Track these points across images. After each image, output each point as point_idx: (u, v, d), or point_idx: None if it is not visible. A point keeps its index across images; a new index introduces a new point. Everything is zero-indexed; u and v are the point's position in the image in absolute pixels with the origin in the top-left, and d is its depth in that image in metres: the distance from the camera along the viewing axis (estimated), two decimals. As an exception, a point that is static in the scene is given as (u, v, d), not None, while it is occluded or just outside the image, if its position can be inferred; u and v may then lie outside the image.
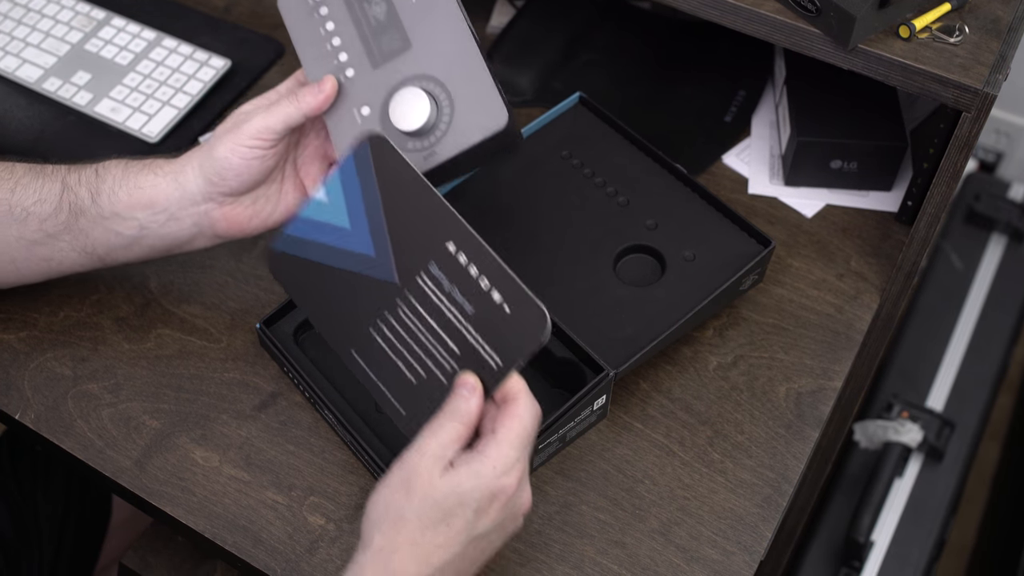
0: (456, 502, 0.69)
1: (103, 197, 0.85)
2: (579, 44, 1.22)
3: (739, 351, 0.97)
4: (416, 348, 0.77)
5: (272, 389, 0.94)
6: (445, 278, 0.76)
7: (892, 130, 1.07)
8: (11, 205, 0.86)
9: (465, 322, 0.75)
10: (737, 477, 0.90)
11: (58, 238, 0.86)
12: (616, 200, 0.99)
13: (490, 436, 0.71)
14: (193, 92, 1.13)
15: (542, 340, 0.72)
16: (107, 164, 0.87)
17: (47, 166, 0.88)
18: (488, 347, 0.74)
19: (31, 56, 1.15)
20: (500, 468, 0.70)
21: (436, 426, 0.71)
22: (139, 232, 0.86)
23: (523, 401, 0.72)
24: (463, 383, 0.73)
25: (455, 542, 0.70)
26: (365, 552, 0.70)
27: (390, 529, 0.69)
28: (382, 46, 0.85)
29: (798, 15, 0.91)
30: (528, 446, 0.72)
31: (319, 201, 0.81)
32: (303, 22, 0.87)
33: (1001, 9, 0.92)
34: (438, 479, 0.69)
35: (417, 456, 0.70)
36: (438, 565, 0.69)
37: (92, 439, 0.90)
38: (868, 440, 1.39)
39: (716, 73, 1.20)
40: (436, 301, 0.76)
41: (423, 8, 0.84)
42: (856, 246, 1.05)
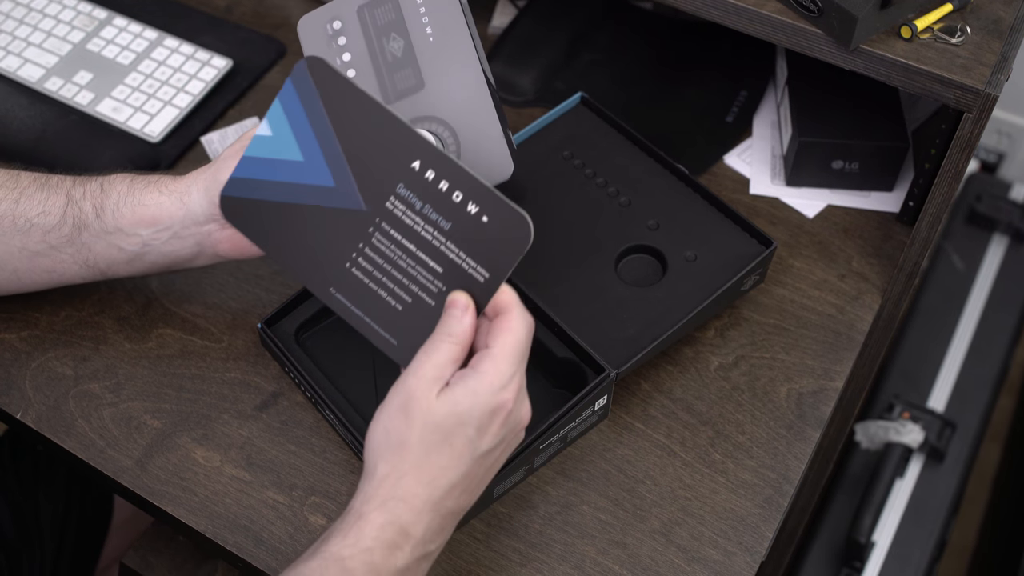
0: (456, 422, 0.69)
1: (107, 212, 0.85)
2: (581, 44, 1.22)
3: (740, 351, 0.97)
4: (397, 274, 0.75)
5: (273, 389, 0.94)
6: (416, 197, 0.74)
7: (894, 131, 1.07)
8: (15, 216, 0.86)
9: (444, 239, 0.73)
10: (738, 477, 0.90)
11: (60, 250, 0.86)
12: (618, 200, 0.99)
13: (484, 352, 0.70)
14: (195, 92, 1.13)
15: (526, 245, 0.71)
16: (112, 179, 0.86)
17: (52, 176, 0.88)
18: (472, 261, 0.73)
19: (33, 56, 1.15)
20: (497, 383, 0.69)
21: (430, 348, 0.71)
22: (141, 248, 0.86)
23: (515, 313, 0.71)
24: (454, 302, 0.72)
25: (460, 462, 0.70)
26: (370, 481, 0.70)
27: (393, 456, 0.69)
28: (396, 83, 0.85)
29: (800, 15, 0.91)
30: (524, 358, 0.72)
31: (263, 136, 0.79)
32: (320, 50, 0.86)
33: (1003, 10, 0.92)
34: (436, 401, 0.69)
35: (413, 380, 0.69)
36: (445, 486, 0.70)
37: (93, 439, 0.90)
38: (869, 441, 1.39)
39: (718, 73, 1.20)
40: (410, 223, 0.74)
41: (440, 50, 0.84)
42: (857, 246, 1.05)
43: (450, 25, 0.83)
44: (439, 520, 0.71)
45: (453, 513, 0.72)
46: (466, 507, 0.73)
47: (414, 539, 0.69)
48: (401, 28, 0.84)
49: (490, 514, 0.88)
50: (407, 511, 0.69)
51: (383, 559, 0.68)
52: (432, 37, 0.84)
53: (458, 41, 0.83)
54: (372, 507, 0.69)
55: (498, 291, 0.72)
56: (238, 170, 0.80)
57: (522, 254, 0.71)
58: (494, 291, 0.72)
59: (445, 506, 0.71)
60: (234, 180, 0.80)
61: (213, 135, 1.11)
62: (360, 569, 0.68)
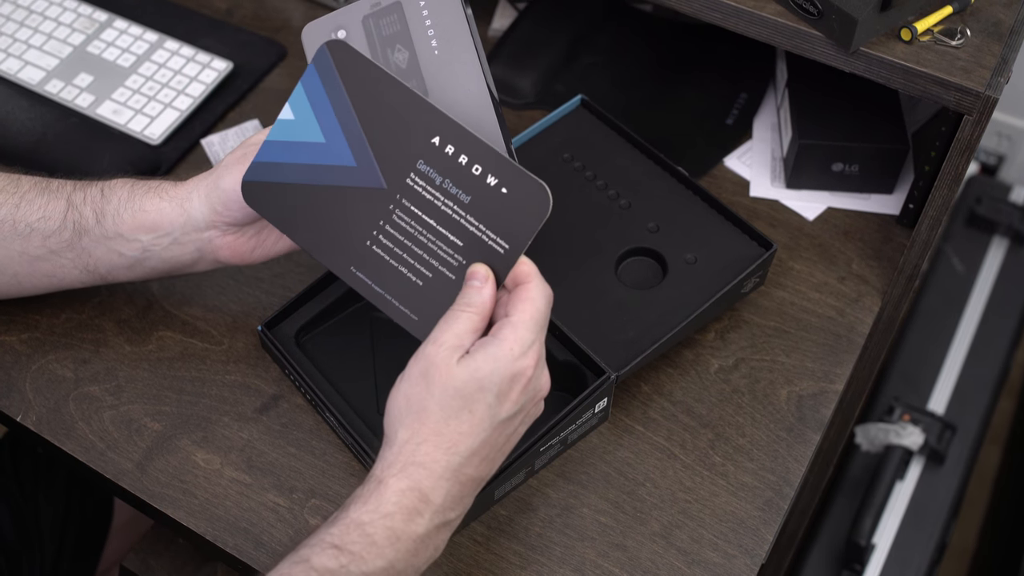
0: (476, 387, 0.70)
1: (107, 218, 0.85)
2: (581, 46, 1.22)
3: (740, 354, 0.97)
4: (418, 250, 0.76)
5: (273, 391, 0.94)
6: (436, 172, 0.75)
7: (894, 133, 1.07)
8: (15, 220, 0.86)
9: (464, 212, 0.75)
10: (738, 480, 0.90)
11: (61, 255, 0.87)
12: (618, 203, 1.00)
13: (504, 320, 0.72)
14: (195, 94, 1.13)
15: (545, 214, 0.72)
16: (113, 184, 0.87)
17: (53, 181, 0.88)
18: (492, 233, 0.74)
19: (33, 58, 1.15)
20: (517, 350, 0.70)
21: (450, 318, 0.72)
22: (142, 254, 0.86)
23: (535, 283, 0.73)
24: (474, 274, 0.73)
25: (480, 428, 0.70)
26: (391, 447, 0.71)
27: (414, 422, 0.70)
28: None
29: (800, 18, 0.91)
30: (543, 328, 0.73)
31: (286, 120, 0.80)
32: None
33: (1003, 12, 0.92)
34: (456, 367, 0.70)
35: (433, 348, 0.71)
36: (465, 453, 0.70)
37: (94, 441, 0.90)
38: (869, 443, 1.38)
39: (718, 76, 1.20)
40: (430, 198, 0.75)
41: (444, 62, 0.83)
42: (857, 249, 1.05)
43: (455, 37, 0.83)
44: (459, 487, 0.71)
45: (474, 480, 0.72)
46: (486, 476, 0.74)
47: (434, 505, 0.70)
48: (406, 39, 0.84)
49: (490, 517, 0.88)
50: (427, 476, 0.69)
51: (403, 524, 0.69)
52: (437, 49, 0.83)
53: (462, 54, 0.83)
54: (392, 472, 0.70)
55: (517, 262, 0.73)
56: (261, 154, 0.80)
57: (541, 223, 0.73)
58: (514, 262, 0.74)
59: (465, 473, 0.71)
60: (256, 165, 0.81)
61: (213, 137, 1.11)
62: (381, 534, 0.69)
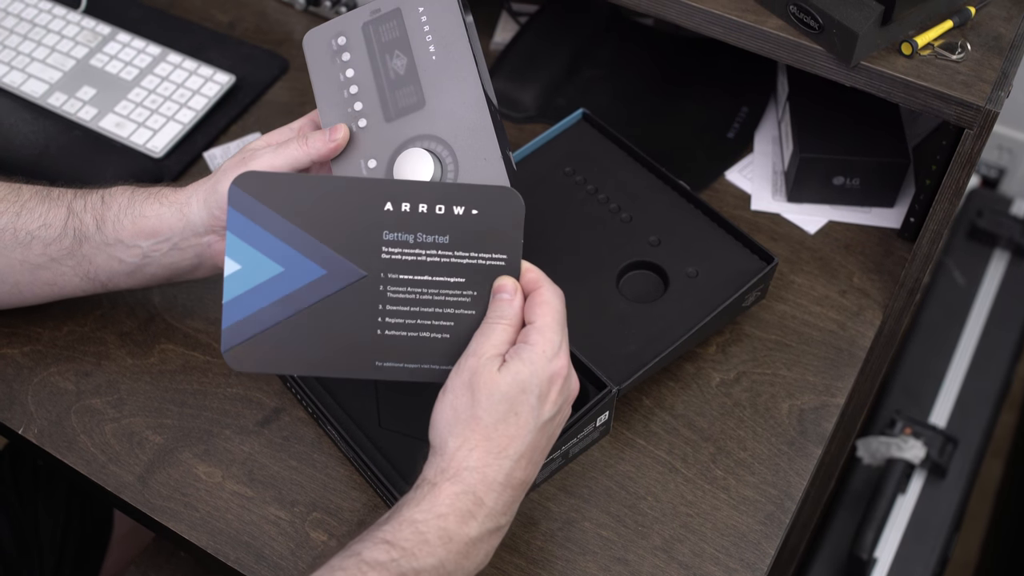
0: (519, 391, 0.71)
1: (108, 224, 0.85)
2: (582, 60, 1.22)
3: (742, 367, 0.97)
4: (428, 309, 0.76)
5: (275, 404, 0.94)
6: (405, 233, 0.75)
7: (894, 147, 1.07)
8: (16, 229, 0.86)
9: (450, 252, 0.75)
10: (740, 494, 0.89)
11: (61, 263, 0.87)
12: (619, 216, 1.00)
13: (530, 326, 0.74)
14: (198, 107, 1.13)
15: (522, 210, 0.74)
16: (113, 191, 0.87)
17: (54, 190, 0.88)
18: (485, 254, 0.75)
19: (36, 71, 1.16)
20: (549, 352, 0.73)
21: (487, 331, 0.74)
22: (142, 260, 0.86)
23: (547, 287, 0.75)
24: (502, 287, 0.75)
25: (526, 430, 0.72)
26: (441, 456, 0.72)
27: (464, 430, 0.71)
28: (398, 101, 0.84)
29: (801, 32, 0.91)
30: (565, 327, 0.75)
31: (233, 274, 0.76)
32: (324, 65, 0.86)
33: (1003, 26, 0.92)
34: (498, 375, 0.71)
35: (474, 359, 0.72)
36: (514, 456, 0.72)
37: (95, 454, 0.90)
38: (871, 456, 1.38)
39: (719, 89, 1.20)
40: (413, 258, 0.75)
41: (442, 68, 0.83)
42: (859, 262, 1.06)
43: (453, 44, 0.83)
44: (510, 491, 0.73)
45: (522, 483, 0.74)
46: (531, 479, 0.75)
47: (487, 508, 0.71)
48: (405, 46, 0.84)
49: (491, 530, 0.87)
50: (480, 481, 0.71)
51: (457, 526, 0.70)
52: (435, 56, 0.84)
53: (460, 60, 0.83)
54: (446, 477, 0.71)
55: (524, 270, 0.75)
56: (226, 318, 0.76)
57: (522, 221, 0.74)
58: (518, 267, 0.75)
59: (515, 476, 0.72)
60: (228, 329, 0.76)
61: (216, 150, 1.11)
62: (434, 533, 0.70)
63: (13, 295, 0.90)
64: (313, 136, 0.83)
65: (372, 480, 0.88)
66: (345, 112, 0.84)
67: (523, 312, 0.75)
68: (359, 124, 0.84)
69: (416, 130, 0.84)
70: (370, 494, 0.89)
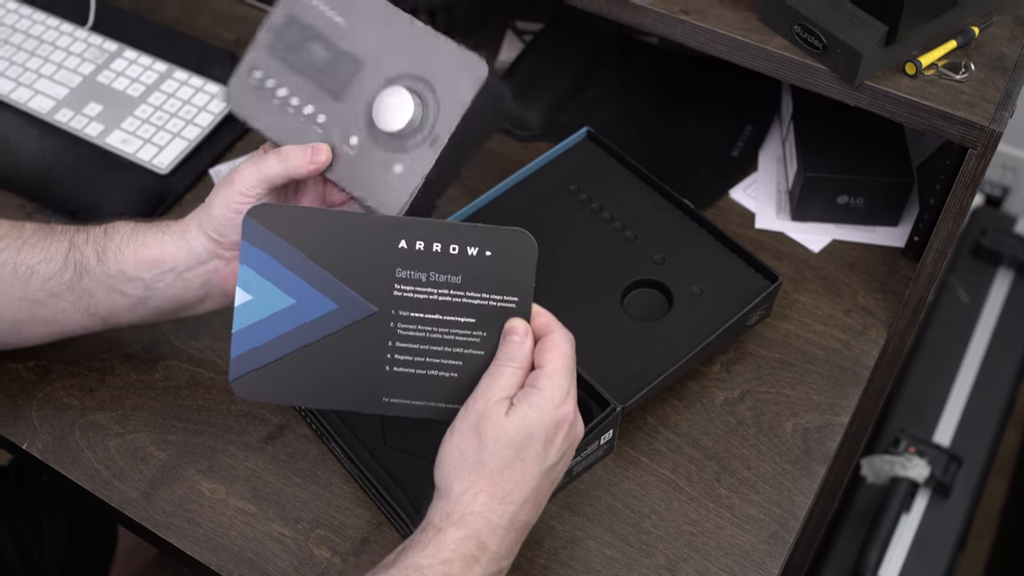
0: (526, 436, 0.71)
1: (109, 256, 0.84)
2: (587, 78, 1.23)
3: (746, 386, 0.97)
4: (437, 348, 0.76)
5: (279, 421, 0.94)
6: (418, 272, 0.75)
7: (898, 166, 1.07)
8: (16, 264, 0.85)
9: (462, 292, 0.75)
10: (744, 513, 0.89)
11: (61, 298, 0.85)
12: (623, 235, 1.00)
13: (539, 371, 0.74)
14: (204, 124, 1.14)
15: (535, 255, 0.74)
16: (116, 224, 0.86)
17: (57, 226, 0.87)
18: (496, 295, 0.75)
19: (44, 87, 1.16)
20: (558, 397, 0.73)
21: (496, 373, 0.74)
22: (144, 292, 0.85)
23: (558, 331, 0.75)
24: (513, 330, 0.75)
25: (530, 475, 0.72)
26: (447, 499, 0.72)
27: (470, 473, 0.71)
28: (338, 77, 0.84)
29: (805, 52, 0.92)
30: (574, 373, 0.75)
31: (244, 304, 0.76)
32: (254, 102, 0.85)
33: (1007, 46, 0.92)
34: (505, 419, 0.71)
35: (482, 402, 0.72)
36: (518, 501, 0.72)
37: (99, 469, 0.90)
38: (875, 475, 1.38)
39: (723, 108, 1.21)
40: (424, 297, 0.75)
41: (356, 24, 0.83)
42: (863, 281, 1.06)
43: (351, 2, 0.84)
44: (514, 534, 0.73)
45: (525, 526, 0.74)
46: (533, 522, 0.75)
47: (490, 552, 0.71)
48: (312, 34, 0.84)
49: (495, 548, 0.87)
50: (484, 525, 0.71)
51: (460, 570, 0.70)
52: (343, 20, 0.83)
53: (362, 6, 0.83)
54: (451, 522, 0.71)
55: (535, 314, 0.75)
56: (236, 347, 0.76)
57: (534, 265, 0.74)
58: (528, 310, 0.75)
59: (519, 520, 0.73)
60: (237, 359, 0.76)
61: (222, 167, 1.12)
62: None
63: (11, 334, 0.88)
64: (291, 150, 0.82)
65: (376, 497, 0.88)
66: (300, 123, 0.84)
67: (533, 355, 0.75)
68: (318, 121, 0.84)
69: (370, 86, 0.83)
70: (374, 511, 0.89)
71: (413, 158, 0.81)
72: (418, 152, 0.81)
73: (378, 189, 0.82)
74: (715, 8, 0.95)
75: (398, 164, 0.82)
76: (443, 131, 0.81)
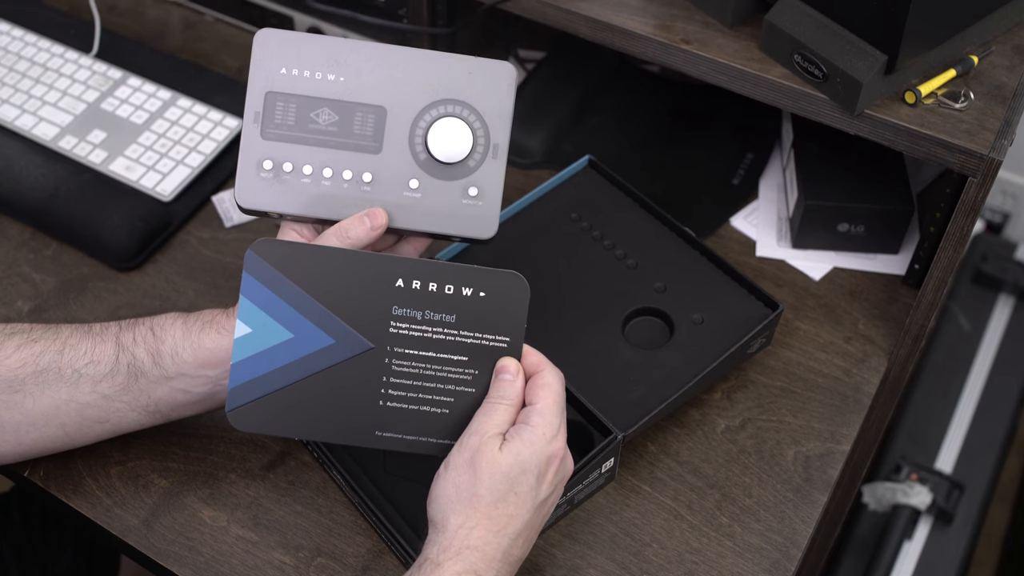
0: (520, 471, 0.73)
1: (165, 359, 0.82)
2: (589, 106, 1.23)
3: (747, 414, 0.97)
4: (430, 384, 0.78)
5: (280, 449, 0.94)
6: (413, 310, 0.77)
7: (899, 194, 1.07)
8: (60, 367, 0.82)
9: (455, 331, 0.77)
10: (745, 541, 0.89)
11: (115, 399, 0.83)
12: (625, 263, 1.00)
13: (530, 408, 0.76)
14: (207, 151, 1.14)
15: (527, 297, 0.77)
16: (162, 323, 0.83)
17: (94, 325, 0.85)
18: (488, 335, 0.77)
19: (48, 114, 1.17)
20: (549, 434, 0.75)
21: (488, 410, 0.76)
22: (211, 389, 0.83)
23: (548, 370, 0.77)
24: (505, 368, 0.77)
25: (523, 509, 0.74)
26: (443, 533, 0.73)
27: (465, 507, 0.73)
28: (367, 132, 0.83)
29: (805, 81, 0.92)
30: (563, 411, 0.77)
31: (243, 336, 0.76)
32: (283, 192, 0.83)
33: (1005, 75, 0.93)
34: (499, 453, 0.73)
35: (477, 438, 0.74)
36: (513, 535, 0.73)
37: (100, 497, 0.90)
38: (877, 502, 1.38)
39: (724, 136, 1.21)
40: (419, 334, 0.77)
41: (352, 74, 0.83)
42: (864, 309, 1.06)
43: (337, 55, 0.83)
44: (508, 568, 0.74)
45: (518, 561, 0.76)
46: (525, 556, 0.77)
47: None
48: (308, 104, 0.83)
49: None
50: (481, 559, 0.72)
51: None
52: (340, 77, 0.83)
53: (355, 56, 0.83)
54: (448, 556, 0.72)
55: (525, 353, 0.78)
56: (234, 379, 0.77)
57: (527, 306, 0.77)
58: (519, 349, 0.77)
59: (513, 554, 0.74)
60: (235, 390, 0.77)
61: (224, 195, 1.12)
62: None
63: (58, 438, 0.85)
64: (349, 225, 0.81)
65: (377, 525, 0.87)
66: (346, 190, 0.83)
67: (524, 393, 0.77)
68: (364, 180, 0.83)
69: (404, 129, 0.83)
70: (375, 539, 0.89)
71: (484, 175, 0.83)
72: (486, 168, 0.83)
73: (463, 218, 0.84)
74: (716, 37, 0.96)
75: (472, 187, 0.83)
76: (500, 139, 0.83)
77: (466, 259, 0.99)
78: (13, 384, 0.82)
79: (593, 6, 1.00)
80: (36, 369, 0.82)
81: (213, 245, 1.09)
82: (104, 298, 1.05)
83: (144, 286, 1.06)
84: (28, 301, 1.04)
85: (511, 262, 1.00)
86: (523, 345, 0.78)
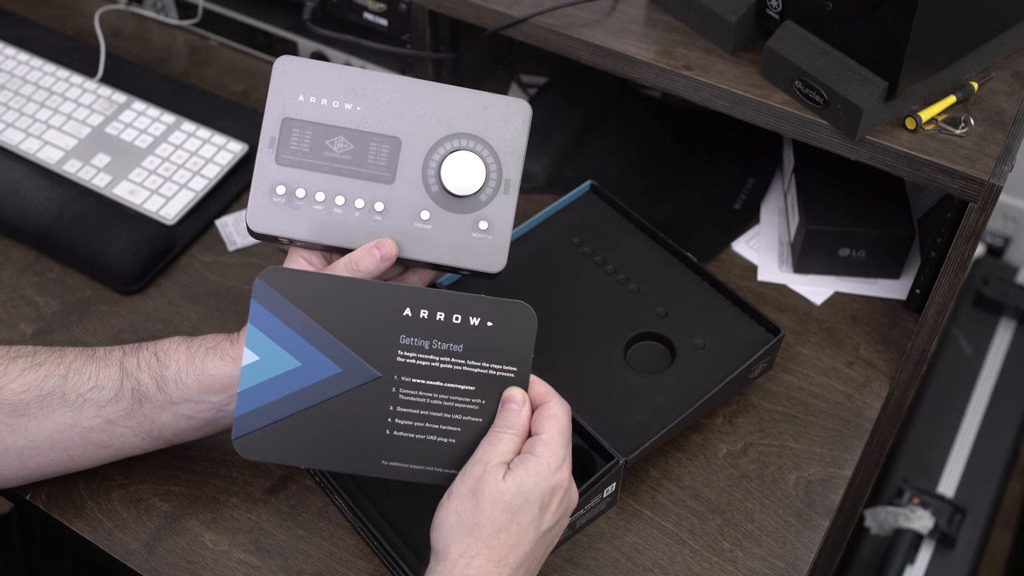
0: (523, 500, 0.73)
1: (170, 384, 0.82)
2: (591, 131, 1.24)
3: (749, 439, 0.97)
4: (437, 414, 0.77)
5: (282, 473, 0.94)
6: (421, 339, 0.77)
7: (900, 219, 1.08)
8: (65, 392, 0.82)
9: (463, 361, 0.77)
10: (747, 566, 0.89)
11: (119, 424, 0.83)
12: (626, 288, 1.00)
13: (536, 438, 0.75)
14: (211, 176, 1.15)
15: (534, 327, 0.77)
16: (166, 348, 0.83)
17: (98, 349, 0.85)
18: (496, 365, 0.77)
19: (52, 138, 1.17)
20: (554, 464, 0.74)
21: (493, 439, 0.76)
22: (215, 414, 0.84)
23: (555, 401, 0.77)
24: (511, 398, 0.77)
25: (525, 540, 0.73)
26: (444, 562, 0.72)
27: (467, 536, 0.72)
28: (381, 162, 0.84)
29: (806, 107, 0.93)
30: (569, 442, 0.77)
31: (251, 364, 0.77)
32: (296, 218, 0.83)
33: (1006, 101, 0.93)
34: (502, 483, 0.73)
35: (480, 467, 0.74)
36: (514, 564, 0.73)
37: (102, 520, 0.90)
38: (879, 526, 1.38)
39: (725, 161, 1.21)
40: (427, 364, 0.77)
41: (368, 104, 0.83)
42: (865, 334, 1.06)
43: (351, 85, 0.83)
44: None
45: None
46: None
47: None
48: (324, 132, 0.83)
49: (498, 601, 0.87)
50: None
51: None
52: (357, 107, 0.83)
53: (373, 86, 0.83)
54: None
55: (532, 383, 0.77)
56: (240, 406, 0.77)
57: (534, 336, 0.77)
58: (527, 379, 0.77)
59: None
60: (241, 418, 0.77)
61: (228, 218, 1.13)
62: None
63: (62, 461, 0.85)
64: (359, 256, 0.82)
65: (379, 550, 0.87)
66: (358, 219, 0.83)
67: (530, 423, 0.77)
68: (376, 209, 0.84)
69: (417, 161, 0.84)
70: (376, 564, 0.89)
71: (495, 209, 0.84)
72: (497, 203, 0.84)
73: (472, 251, 0.84)
74: (717, 63, 0.97)
75: (482, 221, 0.84)
76: (513, 176, 0.84)
77: (468, 285, 1.00)
78: (18, 408, 0.82)
79: (595, 32, 1.00)
80: (40, 393, 0.82)
81: (216, 269, 1.10)
82: (107, 321, 1.05)
83: (147, 309, 1.06)
84: (32, 324, 1.04)
85: (513, 287, 1.01)
86: (530, 375, 0.78)
